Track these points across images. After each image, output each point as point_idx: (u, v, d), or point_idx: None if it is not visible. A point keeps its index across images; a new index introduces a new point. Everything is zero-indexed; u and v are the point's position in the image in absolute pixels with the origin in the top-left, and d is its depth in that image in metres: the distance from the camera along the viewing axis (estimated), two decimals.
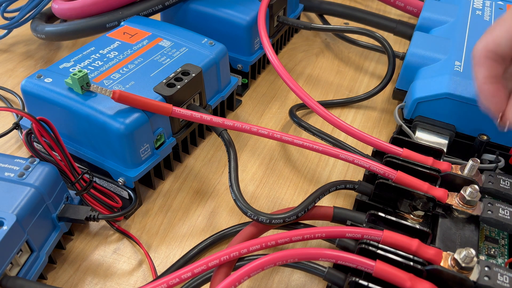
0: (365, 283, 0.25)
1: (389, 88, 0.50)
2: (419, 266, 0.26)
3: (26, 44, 0.56)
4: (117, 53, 0.39)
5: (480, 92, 0.30)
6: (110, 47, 0.40)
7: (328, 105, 0.48)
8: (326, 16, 0.62)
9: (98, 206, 0.33)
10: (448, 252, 0.26)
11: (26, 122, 0.38)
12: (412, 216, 0.31)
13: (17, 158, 0.31)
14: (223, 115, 0.46)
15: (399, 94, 0.44)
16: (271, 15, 0.49)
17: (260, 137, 0.43)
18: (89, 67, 0.37)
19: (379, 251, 0.26)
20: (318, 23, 0.61)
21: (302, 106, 0.45)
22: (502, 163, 0.35)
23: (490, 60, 0.29)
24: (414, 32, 0.45)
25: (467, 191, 0.30)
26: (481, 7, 0.47)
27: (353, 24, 0.58)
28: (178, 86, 0.35)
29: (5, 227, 0.26)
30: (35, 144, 0.31)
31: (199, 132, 0.43)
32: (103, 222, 0.35)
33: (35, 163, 0.30)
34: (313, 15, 0.64)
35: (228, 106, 0.47)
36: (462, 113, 0.37)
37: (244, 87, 0.50)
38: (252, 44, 0.47)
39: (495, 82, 0.30)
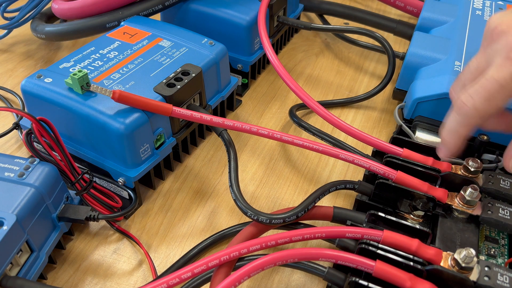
0: (365, 283, 0.25)
1: (389, 88, 0.50)
2: (419, 266, 0.26)
3: (26, 44, 0.56)
4: (117, 53, 0.39)
5: (443, 141, 0.30)
6: (110, 47, 0.40)
7: (328, 105, 0.48)
8: (326, 16, 0.62)
9: (98, 206, 0.33)
10: (448, 252, 0.26)
11: (26, 122, 0.38)
12: (412, 216, 0.31)
13: (17, 158, 0.31)
14: (223, 115, 0.46)
15: (399, 94, 0.44)
16: (271, 15, 0.49)
17: (260, 137, 0.43)
18: (89, 67, 0.37)
19: (379, 251, 0.26)
20: (318, 23, 0.61)
21: (302, 106, 0.45)
22: (502, 163, 0.35)
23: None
24: (414, 32, 0.45)
25: (467, 191, 0.30)
26: (481, 7, 0.47)
27: (353, 24, 0.58)
28: (178, 86, 0.35)
29: (5, 227, 0.26)
30: (35, 144, 0.31)
31: (199, 132, 0.43)
32: (103, 222, 0.35)
33: (35, 163, 0.30)
34: (313, 15, 0.64)
35: (228, 106, 0.47)
36: None
37: (244, 87, 0.50)
38: (252, 44, 0.47)
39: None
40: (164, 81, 0.36)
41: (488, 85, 0.26)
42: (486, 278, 0.25)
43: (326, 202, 0.38)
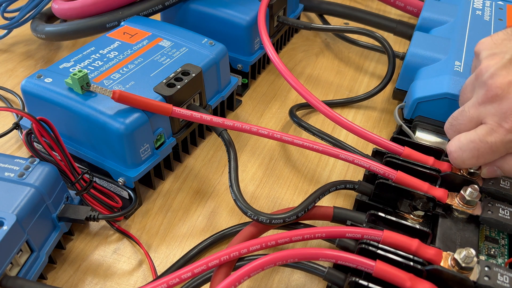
0: (365, 283, 0.25)
1: (389, 88, 0.50)
2: (419, 266, 0.26)
3: (26, 44, 0.56)
4: (117, 53, 0.39)
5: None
6: (110, 47, 0.40)
7: (328, 105, 0.47)
8: (326, 16, 0.62)
9: (98, 206, 0.33)
10: (448, 252, 0.26)
11: (26, 122, 0.38)
12: (412, 216, 0.31)
13: (17, 158, 0.31)
14: (223, 115, 0.46)
15: (399, 94, 0.44)
16: (271, 15, 0.49)
17: (260, 137, 0.43)
18: (89, 67, 0.37)
19: (379, 251, 0.26)
20: (318, 23, 0.61)
21: (302, 106, 0.45)
22: None
23: None
24: (414, 32, 0.45)
25: (467, 191, 0.30)
26: (481, 7, 0.47)
27: (353, 24, 0.58)
28: (178, 86, 0.35)
29: (5, 227, 0.26)
30: (35, 144, 0.31)
31: (199, 132, 0.43)
32: (103, 222, 0.35)
33: (35, 163, 0.30)
34: (313, 15, 0.64)
35: (228, 106, 0.47)
36: None
37: (244, 87, 0.50)
38: (252, 44, 0.47)
39: None
40: (164, 81, 0.36)
41: (481, 146, 0.29)
42: (486, 278, 0.25)
43: (326, 202, 0.38)
